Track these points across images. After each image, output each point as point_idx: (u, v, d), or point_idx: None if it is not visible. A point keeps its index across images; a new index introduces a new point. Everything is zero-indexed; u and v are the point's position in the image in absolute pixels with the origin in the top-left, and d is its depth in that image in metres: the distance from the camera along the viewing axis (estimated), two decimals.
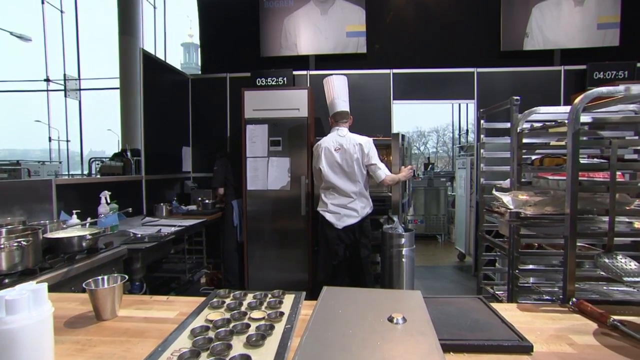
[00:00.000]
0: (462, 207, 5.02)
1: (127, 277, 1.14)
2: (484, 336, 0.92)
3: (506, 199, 1.46)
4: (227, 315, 1.06)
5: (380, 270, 3.42)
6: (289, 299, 1.24)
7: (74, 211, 2.43)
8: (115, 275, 1.14)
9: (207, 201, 3.92)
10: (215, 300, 1.19)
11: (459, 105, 9.32)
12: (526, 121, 1.58)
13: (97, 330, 0.99)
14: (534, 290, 1.62)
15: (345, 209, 2.74)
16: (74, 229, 2.07)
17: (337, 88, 2.98)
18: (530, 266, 1.88)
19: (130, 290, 2.46)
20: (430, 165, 7.60)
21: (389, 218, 3.73)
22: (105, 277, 1.12)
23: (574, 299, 1.12)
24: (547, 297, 1.69)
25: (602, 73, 3.93)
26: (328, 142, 2.79)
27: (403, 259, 3.27)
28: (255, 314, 1.08)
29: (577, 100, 1.16)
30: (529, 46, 4.25)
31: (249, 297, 1.24)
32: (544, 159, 1.43)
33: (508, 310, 1.12)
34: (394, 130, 4.43)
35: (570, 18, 4.15)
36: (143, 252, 2.32)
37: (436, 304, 1.17)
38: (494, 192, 1.58)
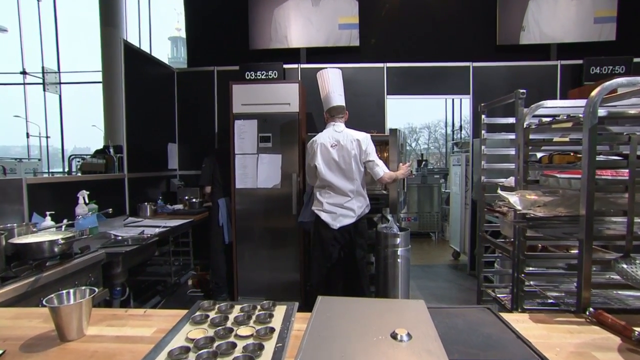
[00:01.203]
0: (457, 205, 4.97)
1: (96, 290, 1.02)
2: (499, 355, 0.83)
3: (513, 199, 1.37)
4: (211, 333, 0.95)
5: (375, 271, 3.33)
6: (280, 312, 1.13)
7: (48, 213, 2.28)
8: (84, 288, 1.01)
9: (194, 200, 3.79)
10: (197, 314, 1.08)
11: (452, 100, 9.29)
12: (533, 116, 1.50)
13: (58, 354, 0.87)
14: (540, 295, 1.54)
15: (341, 209, 2.64)
16: (45, 233, 1.93)
17: (332, 81, 2.85)
18: (531, 268, 1.81)
19: (110, 296, 2.33)
20: (424, 162, 7.55)
21: (383, 217, 3.65)
22: (72, 291, 1.00)
23: (590, 309, 1.04)
24: (551, 301, 1.62)
25: (598, 68, 3.90)
26: (324, 138, 2.67)
27: (398, 260, 3.19)
28: (243, 331, 0.97)
29: (594, 93, 1.08)
30: (526, 40, 4.20)
31: (236, 310, 1.13)
32: (553, 156, 1.35)
33: (520, 322, 1.04)
34: (388, 126, 4.35)
35: (567, 11, 4.11)
36: (124, 255, 2.19)
37: (442, 316, 1.07)
38: (499, 191, 1.50)
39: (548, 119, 1.40)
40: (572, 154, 1.29)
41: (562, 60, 4.09)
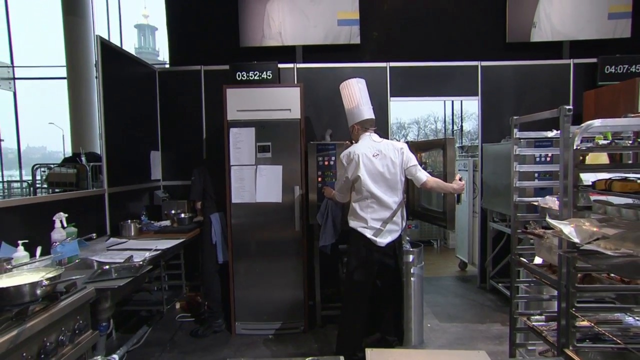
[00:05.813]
0: (464, 213, 4.98)
1: None
2: None
3: (567, 229, 1.32)
4: None
5: None
6: None
7: (20, 242, 2.12)
8: None
9: (182, 215, 3.63)
10: None
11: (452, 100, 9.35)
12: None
13: None
14: (592, 330, 1.51)
15: (387, 224, 2.62)
16: (23, 270, 1.78)
17: (362, 93, 2.87)
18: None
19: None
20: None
21: None
22: None
23: None
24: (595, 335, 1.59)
25: (613, 67, 3.96)
26: (364, 149, 2.63)
27: (412, 279, 3.14)
28: None
29: None
30: (537, 37, 4.22)
31: None
32: (613, 182, 1.31)
33: None
34: (390, 129, 4.30)
35: (580, 6, 4.15)
36: (114, 290, 2.05)
37: None
38: (547, 219, 1.45)
39: (604, 142, 1.36)
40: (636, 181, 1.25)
41: (575, 59, 4.13)
